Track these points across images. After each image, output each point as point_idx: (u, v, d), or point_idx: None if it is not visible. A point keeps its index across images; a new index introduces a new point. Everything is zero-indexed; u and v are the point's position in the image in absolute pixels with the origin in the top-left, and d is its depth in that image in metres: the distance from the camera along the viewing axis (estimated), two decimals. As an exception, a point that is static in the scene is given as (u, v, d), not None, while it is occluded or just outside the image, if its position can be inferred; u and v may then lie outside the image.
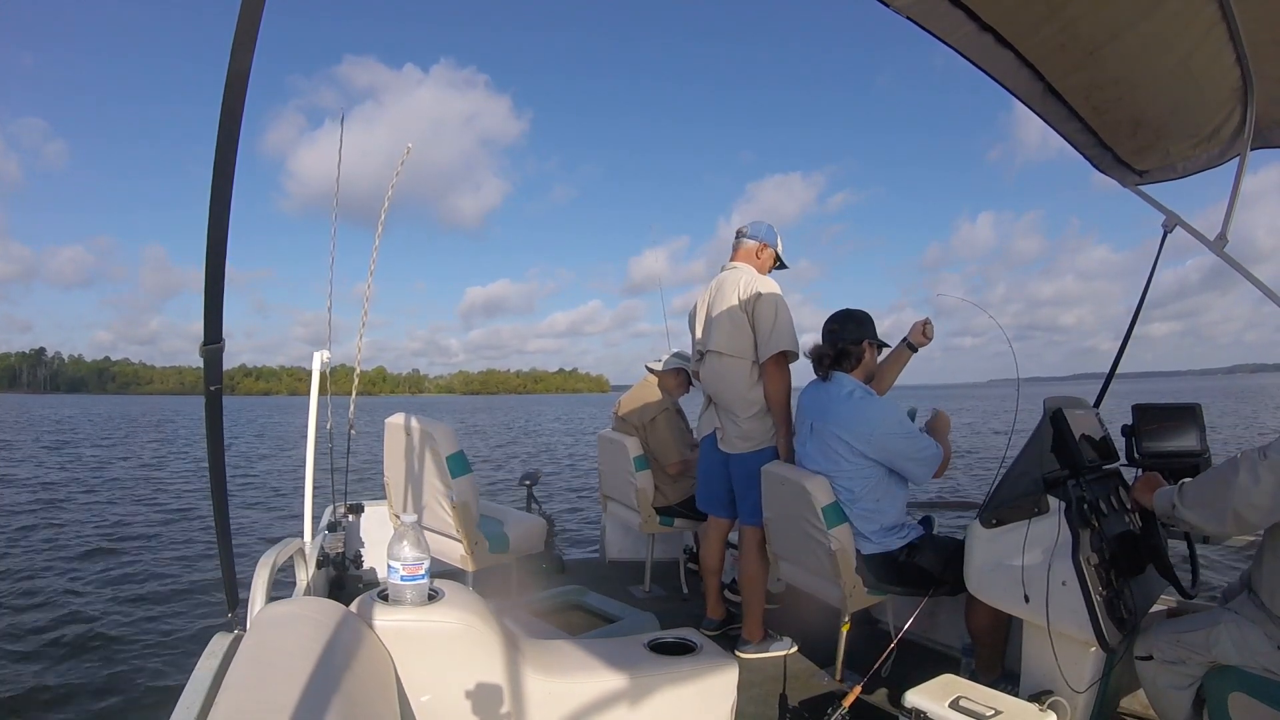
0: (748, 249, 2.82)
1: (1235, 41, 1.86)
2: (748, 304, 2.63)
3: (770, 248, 2.84)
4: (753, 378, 2.67)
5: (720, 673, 1.51)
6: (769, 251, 2.84)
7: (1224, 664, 1.63)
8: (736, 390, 2.69)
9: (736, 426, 2.72)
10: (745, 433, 2.71)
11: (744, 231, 2.85)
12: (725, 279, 2.76)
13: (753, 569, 2.74)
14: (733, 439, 2.74)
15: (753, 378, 2.67)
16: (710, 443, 2.87)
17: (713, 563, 2.96)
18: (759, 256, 2.81)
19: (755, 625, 2.75)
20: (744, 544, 2.78)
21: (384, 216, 3.47)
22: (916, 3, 1.65)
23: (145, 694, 3.84)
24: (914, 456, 2.30)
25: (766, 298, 2.61)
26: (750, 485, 2.68)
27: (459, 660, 1.20)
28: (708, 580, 2.98)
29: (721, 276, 2.80)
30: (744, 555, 2.78)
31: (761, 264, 2.82)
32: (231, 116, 0.87)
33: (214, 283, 1.00)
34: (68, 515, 9.07)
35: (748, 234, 2.83)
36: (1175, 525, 1.75)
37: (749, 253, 2.82)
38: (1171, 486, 1.71)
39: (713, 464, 2.89)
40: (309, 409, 2.67)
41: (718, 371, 2.73)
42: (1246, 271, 2.32)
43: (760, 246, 2.82)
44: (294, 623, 1.05)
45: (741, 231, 2.86)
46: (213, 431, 1.14)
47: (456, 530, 2.74)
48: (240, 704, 0.83)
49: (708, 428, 2.89)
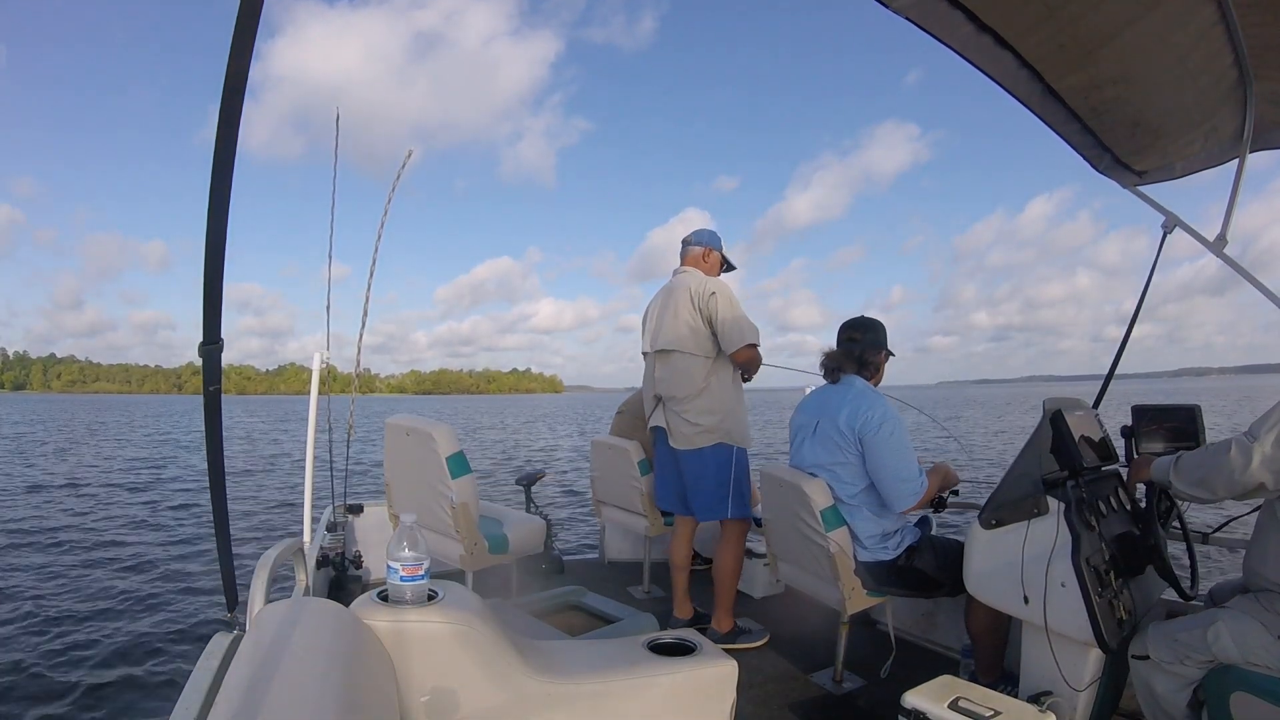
0: (694, 255, 2.95)
1: (1234, 41, 1.86)
2: (701, 303, 2.74)
3: (715, 251, 2.97)
4: (703, 373, 2.75)
5: (720, 673, 1.51)
6: (714, 255, 2.97)
7: (1225, 663, 1.63)
8: (689, 386, 2.75)
9: (686, 423, 2.77)
10: (695, 429, 2.75)
11: (689, 239, 2.99)
12: (676, 283, 2.87)
13: (729, 561, 2.77)
14: (683, 435, 2.78)
15: (703, 373, 2.75)
16: (661, 441, 2.92)
17: (680, 559, 2.99)
18: (706, 260, 2.94)
19: (725, 616, 2.78)
20: (723, 537, 2.82)
21: (384, 217, 3.48)
22: (916, 3, 1.65)
23: (145, 694, 3.84)
24: (900, 475, 2.24)
25: (721, 295, 2.74)
26: (701, 480, 2.77)
27: (458, 661, 1.19)
28: (675, 577, 3.00)
29: (673, 281, 2.92)
30: (721, 546, 2.81)
31: (709, 267, 2.94)
32: (231, 116, 0.88)
33: (213, 283, 1.00)
34: (67, 515, 9.08)
35: (692, 240, 2.97)
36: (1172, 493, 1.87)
37: (695, 258, 2.94)
38: (1170, 457, 1.81)
39: (666, 463, 2.96)
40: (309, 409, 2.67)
41: (670, 368, 2.80)
42: (1246, 272, 2.33)
43: (705, 251, 2.95)
44: (293, 623, 1.05)
45: (686, 239, 3.00)
46: (212, 431, 1.14)
47: (456, 531, 2.74)
48: (240, 704, 0.83)
49: (654, 424, 2.94)
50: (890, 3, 1.60)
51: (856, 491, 2.32)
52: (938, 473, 2.39)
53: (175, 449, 20.14)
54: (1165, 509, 1.98)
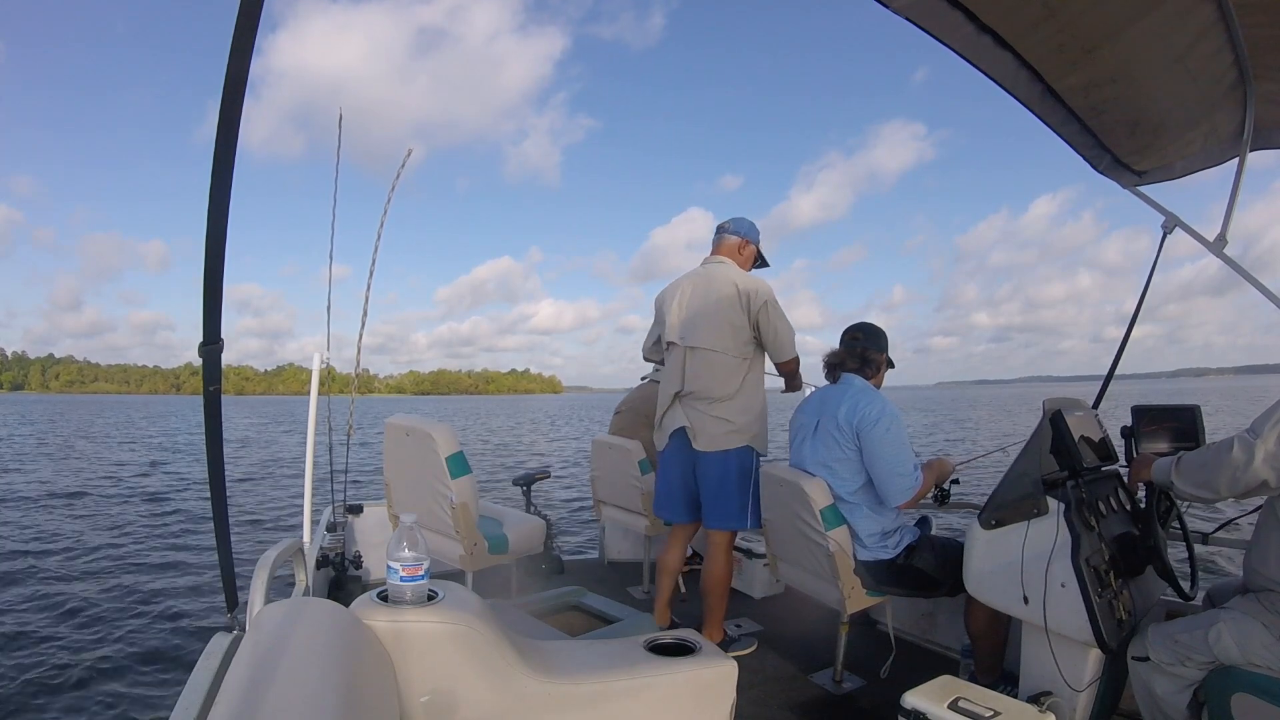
0: (730, 244, 2.73)
1: (1233, 41, 1.86)
2: (750, 307, 2.56)
3: (752, 244, 2.77)
4: (741, 374, 2.61)
5: (719, 674, 1.51)
6: (751, 248, 2.76)
7: (1226, 664, 1.63)
8: (726, 386, 2.59)
9: (717, 421, 2.60)
10: (727, 426, 2.60)
11: (726, 226, 2.75)
12: (714, 273, 2.65)
13: (719, 571, 2.65)
14: (711, 435, 2.61)
15: (741, 374, 2.61)
16: (678, 443, 2.71)
17: (673, 565, 2.85)
18: (741, 252, 2.74)
19: (715, 628, 2.69)
20: (711, 545, 2.68)
21: (384, 217, 3.48)
22: (915, 3, 1.65)
23: (145, 694, 3.84)
24: (896, 470, 2.25)
25: (772, 305, 2.58)
26: (724, 485, 2.60)
27: (458, 661, 1.19)
28: (661, 581, 2.85)
29: (707, 270, 2.69)
30: (711, 556, 2.68)
31: (744, 260, 2.74)
32: (231, 115, 0.87)
33: (213, 283, 1.00)
34: (66, 515, 9.07)
35: (730, 229, 2.74)
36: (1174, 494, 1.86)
37: (731, 248, 2.73)
38: (1171, 457, 1.80)
39: (677, 464, 2.73)
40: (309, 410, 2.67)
41: (706, 366, 2.61)
42: (1246, 273, 2.33)
43: (742, 242, 2.74)
44: (293, 623, 1.05)
45: (724, 226, 2.76)
46: (212, 432, 1.14)
47: (456, 531, 2.74)
48: (239, 705, 0.83)
49: (674, 425, 2.71)
50: (890, 3, 1.60)
51: (855, 489, 2.33)
52: (933, 468, 2.39)
53: (175, 449, 20.13)
54: (1165, 509, 1.98)
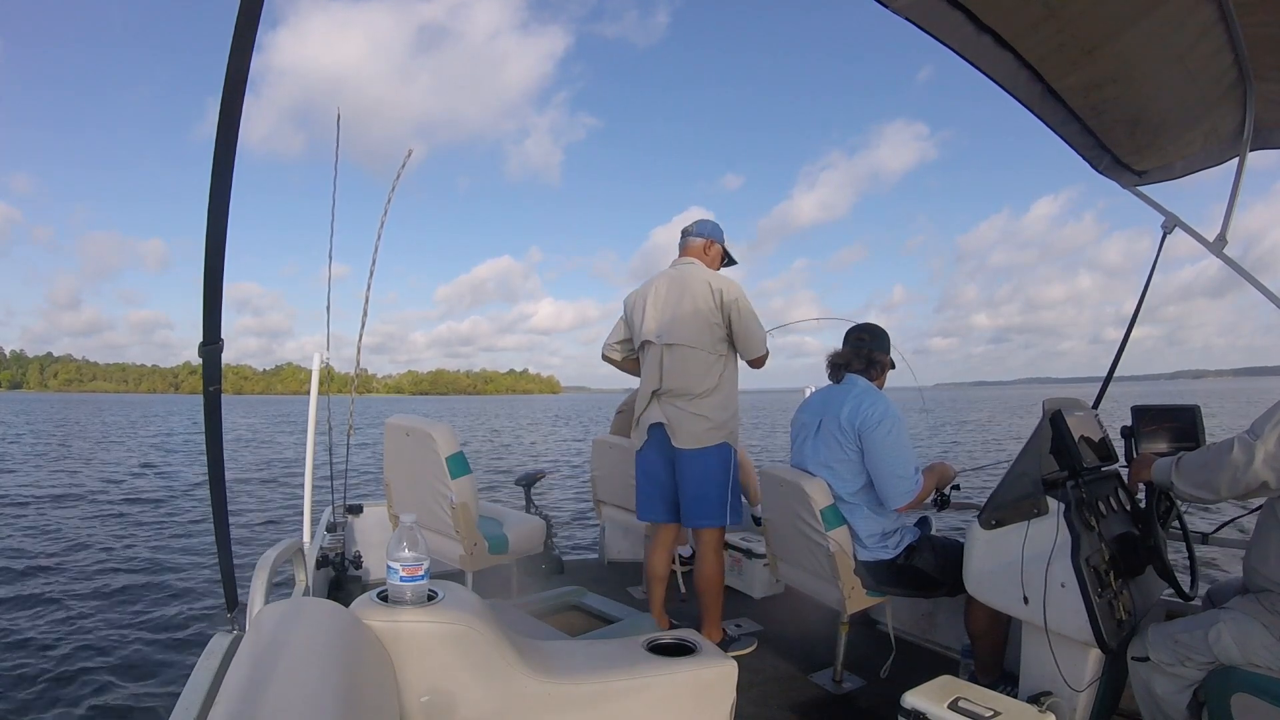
0: (695, 246, 2.83)
1: (1234, 41, 1.86)
2: (721, 302, 2.64)
3: (717, 244, 2.86)
4: (719, 370, 2.68)
5: (719, 674, 1.51)
6: (716, 248, 2.86)
7: (1226, 664, 1.63)
8: (704, 382, 2.65)
9: (696, 418, 2.64)
10: (706, 424, 2.64)
11: (690, 230, 2.86)
12: (686, 274, 2.73)
13: (711, 570, 2.67)
14: (691, 432, 2.65)
15: (719, 370, 2.68)
16: (657, 440, 2.74)
17: (661, 570, 2.86)
18: (707, 253, 2.83)
19: (714, 627, 2.70)
20: (701, 545, 2.70)
21: (384, 217, 3.48)
22: (915, 4, 1.65)
23: (145, 694, 3.84)
24: (896, 472, 2.25)
25: (743, 301, 2.67)
26: (706, 483, 2.64)
27: (458, 661, 1.19)
28: (653, 589, 2.86)
29: (678, 271, 2.77)
30: (702, 556, 2.70)
31: (710, 259, 2.84)
32: (230, 116, 0.87)
33: (213, 283, 1.00)
34: (66, 515, 9.07)
35: (694, 232, 2.85)
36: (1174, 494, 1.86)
37: (697, 249, 2.82)
38: (1171, 458, 1.80)
39: (656, 463, 2.76)
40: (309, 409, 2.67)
41: (683, 363, 2.66)
42: (1246, 273, 2.33)
43: (707, 243, 2.83)
44: (293, 624, 1.05)
45: (688, 230, 2.87)
46: (212, 431, 1.14)
47: (456, 531, 2.74)
48: (239, 705, 0.83)
49: (651, 421, 2.73)
50: (890, 3, 1.60)
51: (856, 489, 2.33)
52: (934, 472, 2.40)
53: (173, 449, 20.13)
54: (1165, 509, 1.98)
